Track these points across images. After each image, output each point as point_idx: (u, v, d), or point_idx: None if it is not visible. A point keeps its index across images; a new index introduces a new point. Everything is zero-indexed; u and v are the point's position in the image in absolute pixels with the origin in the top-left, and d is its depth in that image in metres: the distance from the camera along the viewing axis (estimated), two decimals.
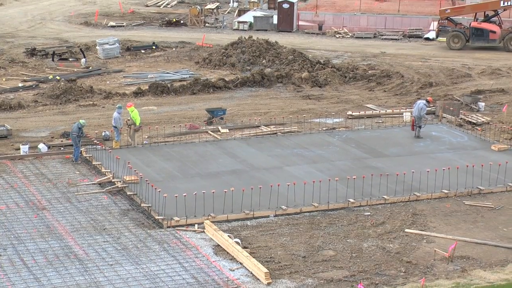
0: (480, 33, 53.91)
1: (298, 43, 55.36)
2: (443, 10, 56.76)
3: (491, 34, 53.57)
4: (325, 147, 32.71)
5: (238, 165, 30.34)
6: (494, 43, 53.71)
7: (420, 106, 33.64)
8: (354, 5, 70.67)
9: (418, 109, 33.66)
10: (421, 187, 27.99)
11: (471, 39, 54.29)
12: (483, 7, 55.42)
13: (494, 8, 54.41)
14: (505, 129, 34.98)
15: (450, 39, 54.69)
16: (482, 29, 53.85)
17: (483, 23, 54.16)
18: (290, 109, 38.74)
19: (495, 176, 28.88)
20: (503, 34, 53.51)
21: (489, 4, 55.41)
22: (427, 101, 34.31)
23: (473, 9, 55.61)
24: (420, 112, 33.62)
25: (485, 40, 53.90)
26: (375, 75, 45.58)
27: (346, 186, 27.53)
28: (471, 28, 54.22)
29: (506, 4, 53.76)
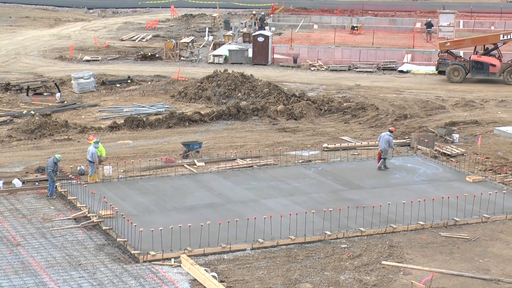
0: (480, 66, 54.34)
1: (273, 76, 55.61)
2: (443, 43, 57.24)
3: (491, 67, 54.01)
4: (301, 180, 32.74)
5: (214, 198, 30.27)
6: (494, 76, 54.13)
7: (386, 138, 33.79)
8: (329, 38, 71.25)
9: (385, 141, 33.79)
10: (397, 219, 28.03)
11: (471, 72, 54.69)
12: (483, 41, 55.96)
13: (493, 41, 54.99)
14: (480, 161, 35.22)
15: (450, 72, 55.00)
16: (482, 62, 54.31)
17: (483, 56, 54.62)
18: (266, 142, 38.79)
19: (471, 207, 29.02)
20: (503, 67, 53.90)
21: (489, 38, 56.06)
22: (390, 131, 34.46)
23: (473, 42, 56.12)
24: (389, 144, 33.78)
25: (485, 73, 54.31)
26: (350, 108, 45.82)
27: (323, 219, 27.52)
28: (471, 61, 54.67)
29: (506, 37, 54.38)
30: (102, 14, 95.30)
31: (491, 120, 43.28)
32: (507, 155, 36.52)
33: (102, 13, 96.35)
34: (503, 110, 46.10)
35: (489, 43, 55.13)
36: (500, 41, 54.63)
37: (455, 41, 57.49)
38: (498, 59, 54.45)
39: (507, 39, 54.49)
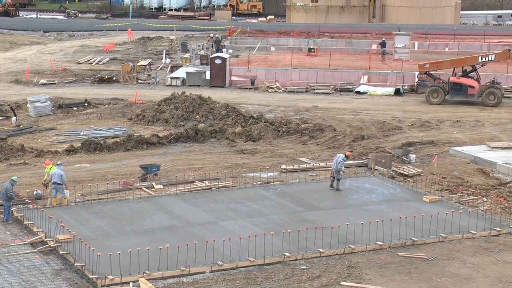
0: (459, 88, 54.80)
1: (231, 98, 55.69)
2: (422, 64, 57.67)
3: (469, 89, 54.47)
4: (260, 201, 32.75)
5: (173, 221, 30.13)
6: (472, 98, 54.54)
7: (338, 159, 34.01)
8: (286, 60, 71.63)
9: (336, 162, 34.01)
10: (355, 239, 28.15)
11: (450, 94, 55.12)
12: (462, 62, 56.48)
13: (472, 63, 55.54)
14: (436, 181, 35.56)
15: (429, 94, 55.40)
16: (461, 84, 54.77)
17: (462, 78, 55.09)
18: (224, 164, 38.78)
19: (428, 227, 29.25)
20: (482, 89, 54.40)
21: (467, 60, 56.65)
22: (345, 156, 34.65)
23: (452, 64, 56.65)
24: (337, 165, 33.98)
25: (464, 95, 54.75)
26: (308, 129, 46.03)
27: (282, 240, 27.53)
28: (450, 83, 55.11)
29: (484, 59, 54.98)
30: (58, 37, 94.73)
31: (447, 140, 43.77)
32: (463, 175, 36.93)
33: (58, 36, 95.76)
34: (458, 131, 46.66)
35: (467, 65, 55.64)
36: (479, 63, 55.17)
37: (434, 63, 57.99)
38: (477, 81, 54.96)
39: (485, 61, 55.09)
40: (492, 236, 29.06)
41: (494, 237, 28.99)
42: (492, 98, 53.92)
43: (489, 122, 48.96)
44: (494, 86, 54.42)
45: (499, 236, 29.08)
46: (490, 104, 53.66)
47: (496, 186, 35.20)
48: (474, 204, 32.69)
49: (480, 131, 46.51)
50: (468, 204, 32.59)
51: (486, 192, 34.22)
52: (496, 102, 53.82)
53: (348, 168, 37.93)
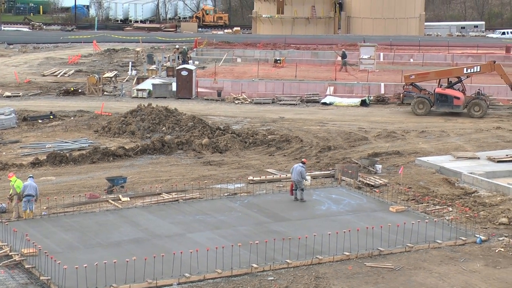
0: (445, 99, 55.10)
1: (197, 110, 55.64)
2: (407, 75, 57.94)
3: (455, 100, 54.79)
4: (227, 213, 32.71)
5: (139, 233, 29.98)
6: (458, 109, 54.86)
7: (299, 169, 34.04)
8: (252, 71, 71.76)
9: (297, 173, 34.03)
10: (323, 250, 28.21)
11: (435, 105, 55.38)
12: (447, 74, 56.84)
13: (457, 75, 55.92)
14: (402, 191, 35.77)
15: (415, 105, 55.61)
16: (446, 95, 55.07)
17: (447, 89, 55.40)
18: (191, 176, 38.69)
19: (394, 237, 29.39)
20: (467, 100, 54.66)
21: (453, 71, 57.09)
22: (302, 163, 34.74)
23: (437, 75, 56.98)
24: (301, 175, 34.02)
25: (449, 106, 55.05)
26: (274, 140, 46.11)
27: (249, 251, 27.50)
28: (436, 94, 55.39)
29: (469, 71, 55.36)
30: (22, 50, 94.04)
31: (413, 151, 44.07)
32: (428, 184, 37.20)
33: (23, 48, 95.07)
34: (423, 141, 47.01)
35: (453, 76, 56.02)
36: (464, 75, 55.54)
37: (419, 74, 58.33)
38: (462, 92, 55.29)
39: (470, 73, 55.50)
40: (458, 246, 29.28)
41: (459, 247, 29.21)
42: (477, 109, 54.26)
43: (454, 132, 49.40)
44: (480, 97, 54.74)
45: (464, 246, 29.31)
46: (475, 116, 53.94)
47: (461, 195, 35.50)
48: (440, 213, 32.92)
49: (445, 141, 46.91)
50: (434, 214, 32.82)
51: (451, 201, 34.49)
52: (481, 113, 54.10)
53: (314, 179, 38.07)
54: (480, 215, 32.53)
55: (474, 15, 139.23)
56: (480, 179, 37.04)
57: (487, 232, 30.54)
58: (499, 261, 27.75)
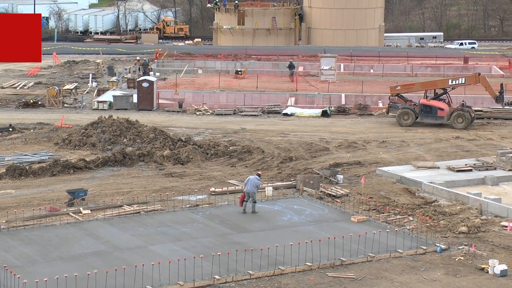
0: (429, 110, 55.29)
1: (159, 121, 55.48)
2: (393, 86, 58.17)
3: (439, 111, 55.01)
4: (189, 224, 32.63)
5: (101, 246, 29.77)
6: (442, 120, 55.04)
7: (255, 182, 34.03)
8: (213, 82, 71.80)
9: (252, 185, 34.01)
10: (285, 260, 28.24)
11: (420, 116, 55.54)
12: (433, 85, 57.13)
13: (443, 86, 56.17)
14: (363, 201, 35.98)
15: (400, 116, 55.80)
16: (430, 106, 55.28)
17: (432, 101, 55.63)
18: (153, 188, 38.54)
19: (356, 247, 29.54)
20: (451, 111, 54.95)
21: (438, 82, 57.37)
22: (258, 175, 34.74)
23: (423, 86, 57.30)
24: (257, 187, 34.02)
25: (433, 117, 55.22)
26: (236, 151, 46.11)
27: (211, 263, 27.45)
28: (420, 105, 55.58)
29: (454, 82, 55.66)
30: None
31: (374, 161, 44.36)
32: (389, 194, 37.45)
33: None
34: (384, 151, 47.35)
35: (438, 87, 56.32)
36: (449, 86, 55.86)
37: (405, 85, 58.62)
38: (448, 103, 55.60)
39: (455, 84, 55.81)
40: (419, 255, 29.50)
41: (420, 256, 29.43)
42: (460, 120, 54.56)
43: (414, 142, 49.82)
44: (463, 109, 55.02)
45: (425, 255, 29.54)
46: (458, 127, 54.19)
47: (421, 205, 35.78)
48: (401, 223, 33.15)
49: (406, 151, 47.29)
50: (395, 224, 33.05)
51: (412, 211, 34.75)
52: (464, 125, 54.33)
53: (276, 190, 38.13)
54: (440, 224, 32.83)
55: (433, 26, 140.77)
56: (440, 189, 37.39)
57: (447, 241, 30.82)
58: (459, 270, 28.01)
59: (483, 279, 27.16)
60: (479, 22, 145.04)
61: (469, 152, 46.62)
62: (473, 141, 50.36)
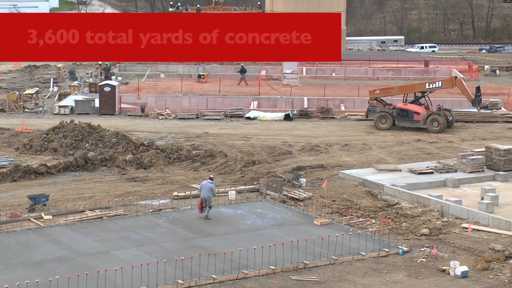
0: (405, 114, 55.43)
1: (121, 126, 55.22)
2: (372, 90, 58.34)
3: (415, 115, 55.14)
4: (152, 229, 32.51)
5: (63, 252, 29.54)
6: (418, 124, 55.18)
7: (208, 186, 33.96)
8: (176, 86, 71.68)
9: (207, 190, 33.94)
10: (248, 264, 28.25)
11: (397, 120, 55.74)
12: (410, 89, 57.32)
13: (420, 90, 56.36)
14: (326, 204, 36.11)
15: (378, 120, 55.96)
16: (407, 110, 55.46)
17: (409, 105, 55.81)
18: (115, 192, 38.34)
19: (319, 250, 29.64)
20: (427, 115, 55.13)
21: (415, 86, 57.57)
22: (210, 179, 34.64)
23: (401, 90, 57.52)
24: (212, 192, 33.96)
25: (410, 121, 55.41)
26: (199, 155, 46.05)
27: (175, 267, 27.37)
28: (397, 109, 55.79)
29: (431, 86, 55.86)
30: None
31: (336, 164, 44.56)
32: (352, 197, 37.63)
33: None
34: (346, 154, 47.59)
35: (416, 91, 56.53)
36: (427, 90, 56.05)
37: (383, 89, 58.80)
38: (426, 107, 55.81)
39: (433, 88, 56.00)
40: (381, 257, 29.68)
41: (383, 258, 29.62)
42: (435, 124, 54.80)
43: (376, 145, 50.14)
44: (438, 113, 55.21)
45: (387, 257, 29.73)
46: (434, 131, 54.37)
47: (383, 207, 36.02)
48: (363, 226, 33.34)
49: (368, 154, 47.58)
50: (358, 226, 33.22)
51: (374, 214, 34.97)
52: (439, 128, 54.48)
53: (239, 193, 38.14)
54: (402, 226, 33.06)
55: (394, 30, 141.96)
56: (401, 191, 37.67)
57: (409, 243, 31.05)
58: (421, 272, 28.24)
59: (445, 281, 27.43)
60: (439, 26, 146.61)
61: (430, 155, 47.05)
62: (434, 143, 50.84)
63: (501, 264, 28.60)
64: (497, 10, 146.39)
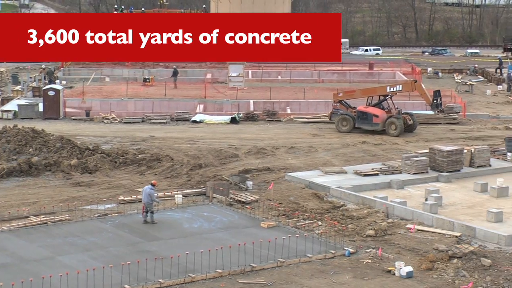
0: (365, 117, 55.55)
1: (66, 130, 54.67)
2: (336, 93, 58.43)
3: (374, 118, 55.25)
4: (98, 234, 32.26)
5: (6, 258, 29.13)
6: (377, 126, 55.29)
7: (148, 192, 33.88)
8: (121, 90, 71.18)
9: (147, 195, 33.89)
10: (195, 268, 28.19)
11: (357, 122, 55.87)
12: (372, 92, 57.50)
13: (381, 93, 56.51)
14: (273, 206, 36.23)
15: (339, 122, 56.05)
16: (366, 113, 55.61)
17: (369, 108, 55.95)
18: (60, 198, 37.94)
19: (266, 252, 29.73)
20: (386, 118, 55.25)
21: (377, 89, 57.76)
22: (152, 185, 34.55)
23: (363, 93, 57.69)
24: (150, 197, 33.86)
25: (369, 124, 55.52)
26: (145, 159, 45.82)
27: (121, 272, 27.18)
28: (358, 111, 55.92)
29: (392, 89, 55.99)
30: None
31: (282, 167, 44.72)
32: (298, 199, 37.81)
33: None
34: (293, 157, 47.80)
35: (377, 94, 56.75)
36: (388, 93, 56.20)
37: (347, 92, 59.03)
38: (388, 111, 55.95)
39: (393, 91, 56.14)
40: (328, 259, 29.88)
41: (329, 260, 29.82)
42: (393, 128, 54.96)
43: (321, 147, 50.45)
44: (396, 116, 55.36)
45: (334, 258, 29.94)
46: (392, 134, 54.58)
47: (330, 209, 36.25)
48: (310, 228, 33.53)
49: (314, 156, 47.86)
50: (304, 228, 33.39)
51: (320, 216, 35.18)
52: (397, 132, 54.60)
53: (186, 197, 38.06)
54: (348, 228, 33.33)
55: None
56: (347, 193, 37.98)
57: (355, 245, 31.31)
58: (367, 273, 28.50)
59: (390, 281, 27.73)
60: (382, 29, 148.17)
61: (376, 157, 47.51)
62: (379, 145, 51.36)
63: (444, 264, 29.02)
64: (439, 13, 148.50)
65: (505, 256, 30.10)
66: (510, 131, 56.65)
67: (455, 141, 52.21)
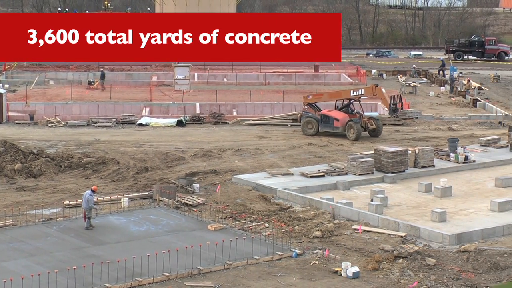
0: (327, 120, 55.57)
1: (9, 134, 53.93)
2: (306, 96, 58.49)
3: (335, 121, 55.19)
4: (43, 239, 31.91)
5: None
6: (338, 130, 55.25)
7: (87, 197, 33.67)
8: (66, 93, 70.46)
9: (84, 201, 33.69)
10: (142, 271, 28.07)
11: (320, 126, 55.87)
12: (337, 95, 57.57)
13: (346, 97, 56.55)
14: (220, 209, 36.24)
15: (304, 125, 56.08)
16: (328, 116, 55.61)
17: (332, 111, 55.95)
18: (3, 203, 37.42)
19: (213, 255, 29.73)
20: (346, 122, 55.18)
21: (342, 93, 57.80)
22: (92, 191, 34.32)
23: (330, 96, 57.71)
24: (88, 203, 33.64)
25: (330, 127, 55.52)
26: (90, 163, 45.44)
27: (67, 277, 26.94)
28: (321, 115, 55.97)
29: (355, 93, 55.99)
30: None
31: (229, 169, 44.75)
32: (245, 202, 37.87)
33: None
34: (239, 159, 47.85)
35: (342, 98, 56.81)
36: (352, 97, 56.21)
37: (315, 95, 59.04)
38: (354, 114, 55.94)
39: (357, 95, 56.16)
40: (275, 260, 30.00)
41: (276, 261, 29.94)
42: (352, 131, 54.97)
43: (268, 149, 50.59)
44: (355, 120, 55.29)
45: (281, 260, 30.07)
46: (350, 138, 54.48)
47: (277, 211, 36.39)
48: (257, 230, 33.61)
49: (260, 158, 47.98)
50: (251, 230, 33.47)
51: (267, 217, 35.28)
52: (355, 135, 54.46)
53: (132, 200, 37.85)
54: (295, 229, 33.49)
55: None
56: (294, 195, 38.17)
57: (302, 246, 31.49)
58: (314, 274, 28.68)
59: (337, 282, 27.95)
60: None
61: (322, 158, 47.81)
62: (325, 147, 51.70)
63: (390, 264, 29.35)
64: (382, 16, 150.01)
65: (449, 255, 30.58)
66: (453, 132, 57.51)
67: (399, 142, 52.82)
